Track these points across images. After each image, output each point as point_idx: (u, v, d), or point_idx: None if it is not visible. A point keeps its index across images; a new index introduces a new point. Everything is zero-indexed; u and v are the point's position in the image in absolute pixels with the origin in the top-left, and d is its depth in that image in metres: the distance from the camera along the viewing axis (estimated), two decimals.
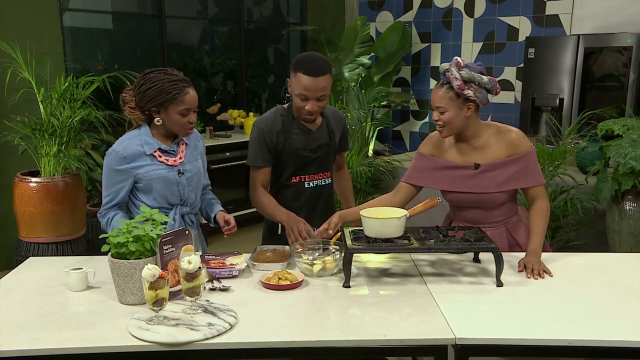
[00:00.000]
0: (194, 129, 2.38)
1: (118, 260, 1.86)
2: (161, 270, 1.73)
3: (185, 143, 2.37)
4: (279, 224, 2.52)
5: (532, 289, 2.02)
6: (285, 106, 2.54)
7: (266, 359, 1.71)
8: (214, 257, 2.22)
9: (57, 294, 1.99)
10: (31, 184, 3.70)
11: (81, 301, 1.94)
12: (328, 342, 1.67)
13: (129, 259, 1.86)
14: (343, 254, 2.07)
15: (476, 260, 2.27)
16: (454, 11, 6.40)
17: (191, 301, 1.81)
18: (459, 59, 2.22)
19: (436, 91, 2.26)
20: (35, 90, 3.78)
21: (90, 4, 5.29)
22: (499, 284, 2.03)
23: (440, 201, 2.28)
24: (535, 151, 2.35)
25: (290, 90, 2.41)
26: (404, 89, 6.95)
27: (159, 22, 5.58)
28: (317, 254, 2.20)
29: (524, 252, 2.26)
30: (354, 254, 2.07)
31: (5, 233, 4.35)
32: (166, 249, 1.89)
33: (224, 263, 2.15)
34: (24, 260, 2.36)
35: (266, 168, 2.51)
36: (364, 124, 5.46)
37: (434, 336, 1.68)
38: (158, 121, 2.26)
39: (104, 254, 1.95)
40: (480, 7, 6.20)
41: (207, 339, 1.65)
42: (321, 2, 6.86)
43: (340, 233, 2.26)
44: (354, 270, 2.14)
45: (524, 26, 5.94)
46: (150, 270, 1.69)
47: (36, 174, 3.83)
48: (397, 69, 6.74)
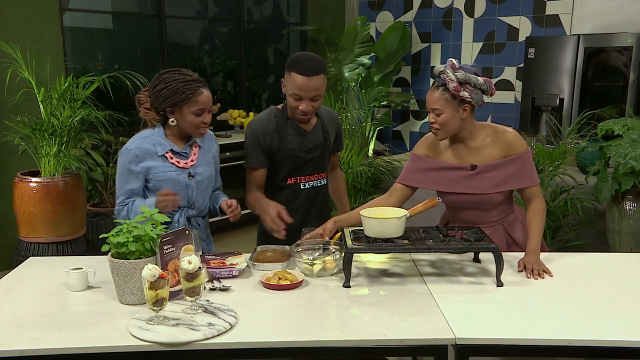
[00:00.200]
0: (210, 131, 2.38)
1: (118, 260, 1.86)
2: (161, 270, 1.73)
3: (199, 145, 2.37)
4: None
5: (532, 289, 2.02)
6: (280, 107, 2.51)
7: (266, 359, 1.71)
8: (214, 257, 2.22)
9: (57, 294, 1.99)
10: (31, 184, 3.70)
11: (81, 301, 1.94)
12: (328, 342, 1.67)
13: (129, 259, 1.86)
14: (343, 254, 2.07)
15: (476, 260, 2.27)
16: (454, 11, 6.40)
17: (191, 301, 1.81)
18: (453, 61, 2.22)
19: (431, 93, 2.25)
20: (35, 90, 3.78)
21: (90, 4, 5.29)
22: (499, 284, 2.03)
23: (440, 201, 2.28)
24: (531, 151, 2.35)
25: (284, 90, 2.39)
26: (404, 89, 6.95)
27: (159, 22, 5.58)
28: (317, 254, 2.20)
29: (523, 251, 2.26)
30: (354, 254, 2.07)
31: (5, 233, 4.35)
32: (166, 249, 1.89)
33: (224, 263, 2.15)
34: (24, 260, 2.36)
35: (261, 170, 2.48)
36: (364, 124, 5.46)
37: (434, 336, 1.68)
38: (172, 121, 2.27)
39: (104, 254, 1.94)
40: (480, 7, 6.20)
41: (207, 339, 1.65)
42: (321, 2, 6.86)
43: (340, 233, 2.26)
44: (354, 270, 2.14)
45: (524, 26, 5.94)
46: (150, 270, 1.69)
47: (36, 174, 3.83)
48: (397, 69, 6.74)
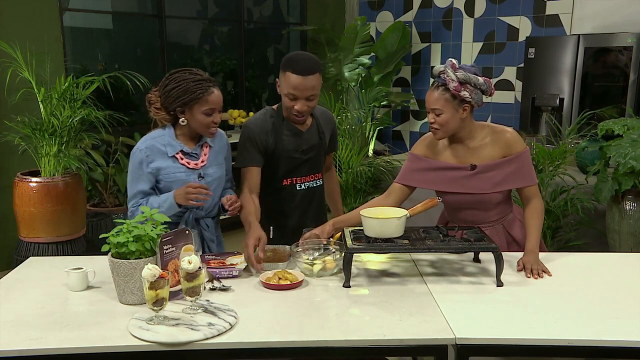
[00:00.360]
0: (221, 130, 2.37)
1: (118, 260, 1.86)
2: (161, 270, 1.73)
3: (210, 146, 2.37)
4: (270, 227, 2.48)
5: (532, 289, 2.02)
6: (275, 107, 2.49)
7: (266, 359, 1.71)
8: (214, 257, 2.22)
9: (57, 294, 1.99)
10: (31, 183, 3.70)
11: (81, 301, 1.94)
12: (328, 342, 1.67)
13: (129, 259, 1.86)
14: (343, 254, 2.07)
15: (476, 260, 2.27)
16: (454, 11, 6.40)
17: (191, 301, 1.81)
18: (453, 61, 2.22)
19: (431, 93, 2.25)
20: (36, 90, 3.78)
21: (90, 4, 5.29)
22: (499, 283, 2.03)
23: (440, 201, 2.28)
24: (529, 151, 2.36)
25: (279, 90, 2.37)
26: (404, 89, 6.96)
27: (159, 22, 5.58)
28: (317, 254, 2.20)
29: (522, 250, 2.26)
30: (354, 254, 2.07)
31: (5, 233, 4.35)
32: (166, 249, 1.89)
33: (224, 263, 2.15)
34: (24, 260, 2.36)
35: (255, 170, 2.42)
36: (364, 124, 5.46)
37: (434, 336, 1.68)
38: (183, 121, 2.26)
39: (104, 254, 1.94)
40: (480, 7, 6.20)
41: (207, 338, 1.65)
42: (321, 2, 6.86)
43: (340, 233, 2.26)
44: (354, 270, 2.13)
45: (524, 26, 5.94)
46: (150, 270, 1.69)
47: (36, 173, 3.83)
48: (397, 69, 6.74)
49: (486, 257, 2.25)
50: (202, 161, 2.33)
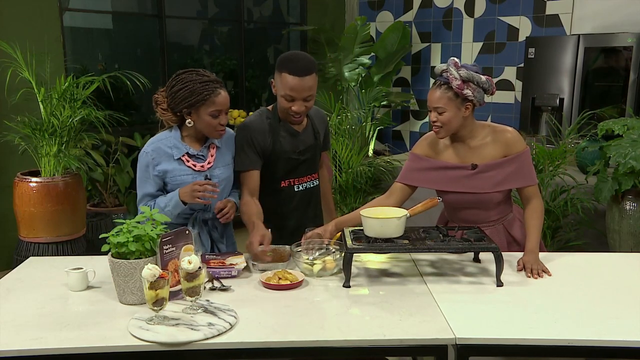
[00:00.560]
0: (230, 129, 2.36)
1: (118, 260, 1.86)
2: (161, 270, 1.73)
3: (217, 147, 2.35)
4: (268, 230, 2.47)
5: (532, 289, 2.02)
6: (270, 107, 2.46)
7: (266, 359, 1.71)
8: (214, 257, 2.22)
9: (57, 294, 1.99)
10: (31, 183, 3.71)
11: (81, 301, 1.94)
12: (328, 342, 1.67)
13: (129, 259, 1.86)
14: (343, 254, 2.07)
15: (476, 260, 2.27)
16: (454, 11, 6.40)
17: (191, 301, 1.81)
18: (456, 60, 2.22)
19: (433, 92, 2.25)
20: (36, 90, 3.79)
21: (90, 4, 5.29)
22: (499, 283, 2.03)
23: (440, 201, 2.28)
24: (529, 151, 2.36)
25: (274, 91, 2.33)
26: (404, 88, 6.95)
27: (159, 22, 5.58)
28: (317, 254, 2.20)
29: (523, 250, 2.26)
30: (354, 254, 2.07)
31: (5, 233, 4.35)
32: (166, 249, 1.89)
33: (224, 263, 2.15)
34: (24, 260, 2.36)
35: (255, 172, 2.39)
36: (364, 124, 5.46)
37: (434, 336, 1.68)
38: (189, 123, 2.25)
39: (104, 254, 1.94)
40: (480, 7, 6.20)
41: (207, 338, 1.65)
42: (321, 2, 6.86)
43: (340, 233, 2.26)
44: (354, 270, 2.13)
45: (524, 26, 5.94)
46: (150, 270, 1.69)
47: (36, 173, 3.83)
48: (397, 69, 6.74)
49: (486, 257, 2.25)
50: (209, 163, 2.32)
